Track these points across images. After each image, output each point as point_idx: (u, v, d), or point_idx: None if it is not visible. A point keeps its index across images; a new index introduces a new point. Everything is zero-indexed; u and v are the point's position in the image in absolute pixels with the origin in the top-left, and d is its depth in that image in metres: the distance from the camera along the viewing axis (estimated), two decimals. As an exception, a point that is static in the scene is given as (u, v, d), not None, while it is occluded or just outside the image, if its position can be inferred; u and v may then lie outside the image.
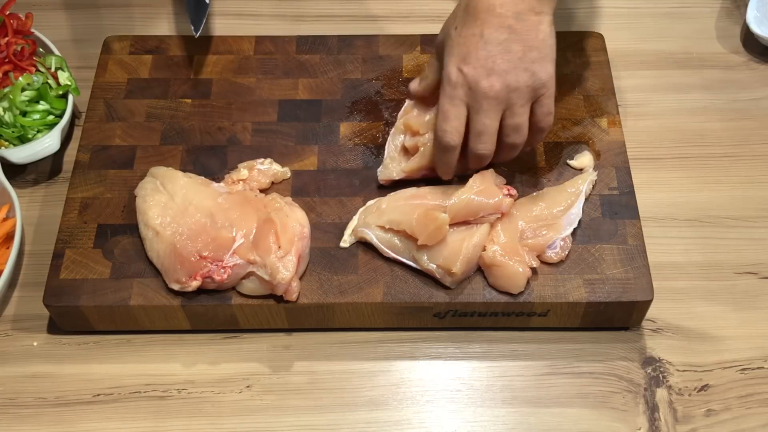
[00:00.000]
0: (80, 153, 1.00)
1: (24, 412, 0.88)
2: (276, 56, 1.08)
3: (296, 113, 1.03)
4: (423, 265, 0.89)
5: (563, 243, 0.91)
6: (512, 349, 0.92)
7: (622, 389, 0.89)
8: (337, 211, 0.95)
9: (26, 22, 1.08)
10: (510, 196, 0.91)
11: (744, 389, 0.89)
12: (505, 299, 0.89)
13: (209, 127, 1.02)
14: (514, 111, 0.86)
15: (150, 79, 1.06)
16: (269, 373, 0.90)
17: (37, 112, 1.03)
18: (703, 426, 0.87)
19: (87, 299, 0.89)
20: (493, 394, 0.89)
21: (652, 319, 0.93)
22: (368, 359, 0.91)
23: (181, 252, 0.88)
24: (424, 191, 0.94)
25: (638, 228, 0.93)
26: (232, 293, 0.89)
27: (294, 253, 0.87)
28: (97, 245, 0.92)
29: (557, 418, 0.87)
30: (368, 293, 0.89)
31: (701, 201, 1.02)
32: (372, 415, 0.88)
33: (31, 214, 1.01)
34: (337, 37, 1.10)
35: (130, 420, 0.88)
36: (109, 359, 0.91)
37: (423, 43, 1.09)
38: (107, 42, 1.09)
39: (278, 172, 0.97)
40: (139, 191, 0.94)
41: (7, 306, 0.95)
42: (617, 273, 0.90)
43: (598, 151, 0.99)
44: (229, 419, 0.88)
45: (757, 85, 1.12)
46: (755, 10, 1.14)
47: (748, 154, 1.06)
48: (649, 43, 1.16)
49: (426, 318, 0.91)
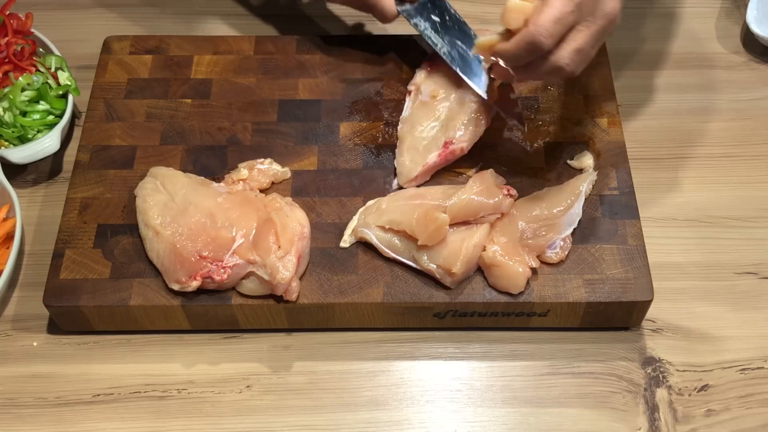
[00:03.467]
0: (80, 153, 1.00)
1: (24, 412, 0.88)
2: (276, 56, 1.08)
3: (296, 113, 1.03)
4: (423, 265, 0.89)
5: (563, 243, 0.91)
6: (512, 349, 0.92)
7: (622, 389, 0.89)
8: (337, 211, 0.95)
9: (26, 22, 1.08)
10: (510, 196, 0.91)
11: (744, 389, 0.89)
12: (505, 299, 0.89)
13: (209, 127, 1.02)
14: (599, 44, 0.84)
15: (150, 79, 1.06)
16: (269, 373, 0.90)
17: (37, 112, 1.03)
18: (703, 426, 0.87)
19: (87, 299, 0.89)
20: (493, 394, 0.89)
21: (652, 319, 0.93)
22: (368, 359, 0.91)
23: (181, 252, 0.88)
24: (424, 191, 0.94)
25: (638, 228, 0.93)
26: (232, 293, 0.89)
27: (294, 253, 0.87)
28: (97, 245, 0.92)
29: (557, 418, 0.87)
30: (368, 293, 0.89)
31: (701, 201, 1.02)
32: (372, 415, 0.88)
33: (31, 214, 1.01)
34: (337, 37, 1.10)
35: (129, 420, 0.88)
36: (109, 359, 0.91)
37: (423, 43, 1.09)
38: (107, 42, 1.09)
39: (278, 172, 0.97)
40: (139, 191, 0.94)
41: (7, 306, 0.95)
42: (617, 273, 0.90)
43: (598, 151, 0.99)
44: (229, 419, 0.88)
45: (757, 85, 1.12)
46: (755, 10, 1.14)
47: (748, 154, 1.06)
48: (649, 43, 1.16)
49: (426, 318, 0.91)
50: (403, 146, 0.98)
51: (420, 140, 0.97)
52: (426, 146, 0.96)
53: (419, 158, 0.96)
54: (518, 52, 0.82)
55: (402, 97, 1.03)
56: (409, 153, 0.97)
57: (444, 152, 0.95)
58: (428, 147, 0.96)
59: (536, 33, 0.79)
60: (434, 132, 0.97)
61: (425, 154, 0.96)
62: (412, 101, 1.01)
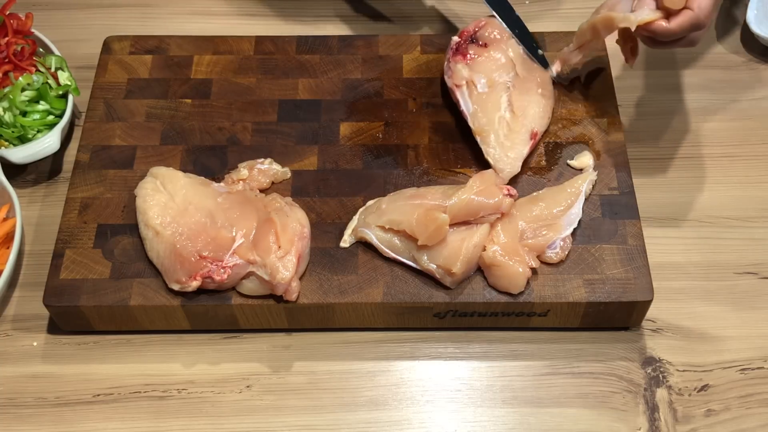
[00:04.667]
0: (80, 153, 1.00)
1: (24, 412, 0.88)
2: (276, 56, 1.08)
3: (296, 113, 1.03)
4: (423, 265, 0.89)
5: (563, 243, 0.91)
6: (512, 349, 0.92)
7: (622, 389, 0.89)
8: (337, 211, 0.95)
9: (26, 22, 1.08)
10: (510, 196, 0.91)
11: (744, 389, 0.89)
12: (505, 299, 0.89)
13: (209, 127, 1.02)
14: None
15: (150, 79, 1.06)
16: (269, 373, 0.90)
17: (37, 112, 1.03)
18: (703, 426, 0.87)
19: (87, 299, 0.89)
20: (493, 394, 0.89)
21: (652, 319, 0.93)
22: (368, 359, 0.91)
23: (181, 252, 0.88)
24: (424, 191, 0.94)
25: (638, 228, 0.93)
26: (232, 293, 0.89)
27: (294, 253, 0.87)
28: (97, 245, 0.92)
29: (557, 418, 0.87)
30: (368, 293, 0.89)
31: (701, 201, 1.02)
32: (372, 415, 0.88)
33: (31, 214, 1.01)
34: (337, 37, 1.10)
35: (130, 420, 0.88)
36: (109, 359, 0.91)
37: (423, 43, 1.09)
38: (107, 42, 1.09)
39: (278, 172, 0.97)
40: (139, 191, 0.94)
41: (7, 306, 0.95)
42: (617, 273, 0.90)
43: (598, 151, 0.99)
44: (229, 419, 0.88)
45: (757, 85, 1.12)
46: (755, 10, 1.14)
47: (748, 154, 1.06)
48: (649, 43, 1.16)
49: (426, 318, 0.91)
50: (490, 141, 0.97)
51: (502, 133, 0.97)
52: (509, 137, 0.97)
53: (513, 152, 0.96)
54: (680, 32, 0.88)
55: (402, 97, 1.03)
56: (503, 148, 0.97)
57: (533, 143, 0.97)
58: (512, 138, 0.97)
59: (701, 16, 0.86)
60: (509, 122, 0.97)
61: (519, 146, 0.96)
62: (469, 95, 1.00)
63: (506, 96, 0.99)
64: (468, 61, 1.01)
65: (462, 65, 1.01)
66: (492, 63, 1.01)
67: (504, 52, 1.02)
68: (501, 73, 1.01)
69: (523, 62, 1.02)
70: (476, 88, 0.99)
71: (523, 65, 1.02)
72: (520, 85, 1.00)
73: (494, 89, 0.99)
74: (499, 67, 1.01)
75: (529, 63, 1.03)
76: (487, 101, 0.99)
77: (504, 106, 0.98)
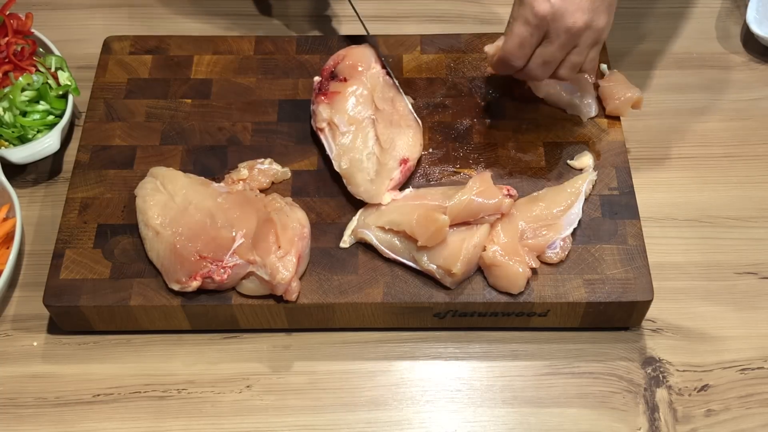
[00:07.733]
0: (80, 153, 1.00)
1: (24, 412, 0.88)
2: (276, 56, 1.08)
3: (296, 113, 1.03)
4: (423, 266, 0.89)
5: (563, 243, 0.91)
6: (512, 349, 0.92)
7: (622, 389, 0.89)
8: (337, 211, 0.95)
9: (26, 22, 1.08)
10: (510, 197, 0.91)
11: (744, 389, 0.89)
12: (505, 299, 0.89)
13: (209, 127, 1.02)
14: (581, 50, 0.90)
15: (150, 79, 1.06)
16: (269, 373, 0.90)
17: (37, 112, 1.03)
18: (703, 426, 0.87)
19: (87, 299, 0.89)
20: (493, 394, 0.89)
21: (652, 319, 0.93)
22: (368, 359, 0.91)
23: (181, 252, 0.88)
24: (424, 192, 0.94)
25: (638, 228, 0.93)
26: (232, 293, 0.89)
27: (294, 253, 0.87)
28: (97, 245, 0.92)
29: (557, 418, 0.87)
30: (368, 293, 0.89)
31: (701, 201, 1.02)
32: (372, 415, 0.88)
33: (31, 214, 1.01)
34: (337, 37, 1.10)
35: (129, 420, 0.88)
36: (109, 359, 0.91)
37: (423, 44, 1.09)
38: (107, 42, 1.09)
39: (278, 172, 0.97)
40: (139, 191, 0.94)
41: (7, 306, 0.95)
42: (617, 273, 0.90)
43: (598, 151, 0.99)
44: (229, 419, 0.88)
45: (757, 85, 1.12)
46: (755, 10, 1.14)
47: (748, 154, 1.06)
48: (649, 43, 1.16)
49: (426, 318, 0.91)
50: (358, 182, 0.94)
51: (372, 170, 0.94)
52: (379, 171, 0.94)
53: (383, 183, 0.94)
54: (499, 70, 0.96)
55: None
56: (372, 183, 0.94)
57: (404, 168, 0.95)
58: (380, 171, 0.94)
59: (505, 58, 0.91)
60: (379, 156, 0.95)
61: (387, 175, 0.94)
62: (332, 137, 0.96)
63: (372, 131, 0.96)
64: (329, 101, 0.98)
65: (324, 106, 0.98)
66: (354, 98, 0.98)
67: (364, 85, 0.98)
68: (364, 107, 0.97)
69: (382, 90, 0.99)
70: (338, 129, 0.96)
71: (381, 94, 0.98)
72: (384, 118, 0.97)
73: (358, 127, 0.96)
74: (360, 102, 0.98)
75: (387, 91, 0.99)
76: (353, 141, 0.95)
77: (371, 142, 0.96)
